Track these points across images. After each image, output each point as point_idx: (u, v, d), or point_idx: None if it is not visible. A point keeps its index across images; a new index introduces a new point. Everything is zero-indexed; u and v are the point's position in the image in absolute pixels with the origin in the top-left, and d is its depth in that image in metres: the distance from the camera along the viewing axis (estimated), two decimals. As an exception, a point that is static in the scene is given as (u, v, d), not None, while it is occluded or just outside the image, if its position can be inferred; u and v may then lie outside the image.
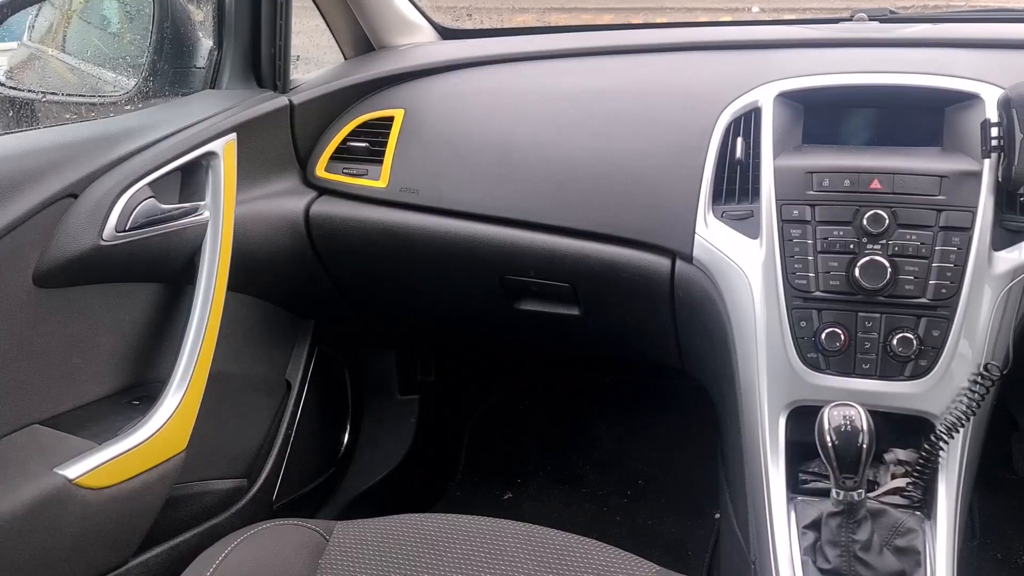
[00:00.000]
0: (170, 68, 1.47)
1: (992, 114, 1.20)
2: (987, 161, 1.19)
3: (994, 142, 1.16)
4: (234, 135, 1.36)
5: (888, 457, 1.25)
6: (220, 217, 1.33)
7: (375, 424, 1.98)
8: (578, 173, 1.41)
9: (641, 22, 2.16)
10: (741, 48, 1.51)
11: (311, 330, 1.70)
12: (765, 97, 1.32)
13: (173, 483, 1.30)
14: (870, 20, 1.61)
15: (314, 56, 1.93)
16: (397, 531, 1.05)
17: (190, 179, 1.33)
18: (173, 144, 1.29)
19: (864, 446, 1.07)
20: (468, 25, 1.98)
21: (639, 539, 1.95)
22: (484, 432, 2.25)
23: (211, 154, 1.32)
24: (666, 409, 2.16)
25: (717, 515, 1.84)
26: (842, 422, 1.08)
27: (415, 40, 1.82)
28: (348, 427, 1.94)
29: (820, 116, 1.34)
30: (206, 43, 1.51)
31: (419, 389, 2.04)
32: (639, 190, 1.37)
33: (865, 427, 1.07)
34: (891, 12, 1.67)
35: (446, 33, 1.91)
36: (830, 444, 1.08)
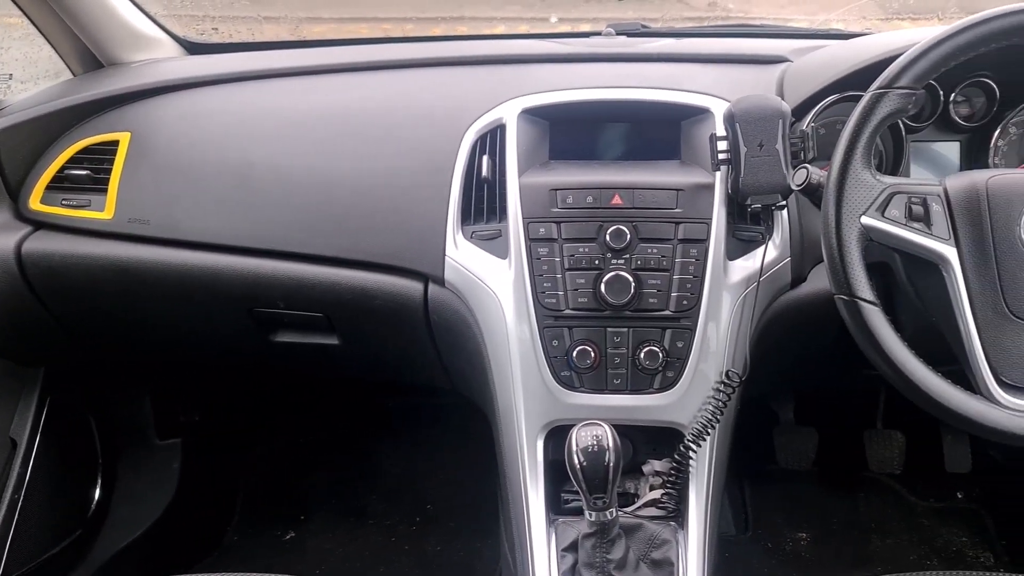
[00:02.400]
0: None
1: (719, 128, 1.24)
2: (718, 174, 1.22)
3: (721, 155, 1.19)
4: None
5: (646, 469, 1.26)
6: (-101, 261, 1.15)
7: (131, 475, 1.81)
8: (323, 196, 1.34)
9: (440, 33, 2.12)
10: (491, 64, 1.48)
11: (39, 379, 1.52)
12: (509, 114, 1.30)
13: None
14: (618, 35, 1.64)
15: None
16: None
17: None
18: None
19: (611, 465, 1.06)
20: (216, 39, 1.85)
21: (427, 567, 1.90)
22: (262, 470, 2.11)
23: None
24: (452, 430, 2.12)
25: None
26: (590, 442, 1.06)
27: (153, 55, 1.68)
28: (99, 481, 1.76)
29: (566, 132, 1.34)
30: None
31: (182, 431, 1.89)
32: (387, 212, 1.32)
33: (611, 445, 1.06)
34: (643, 27, 1.71)
35: (193, 48, 1.78)
36: (578, 465, 1.06)
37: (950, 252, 1.01)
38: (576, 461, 1.06)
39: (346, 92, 1.45)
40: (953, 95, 1.31)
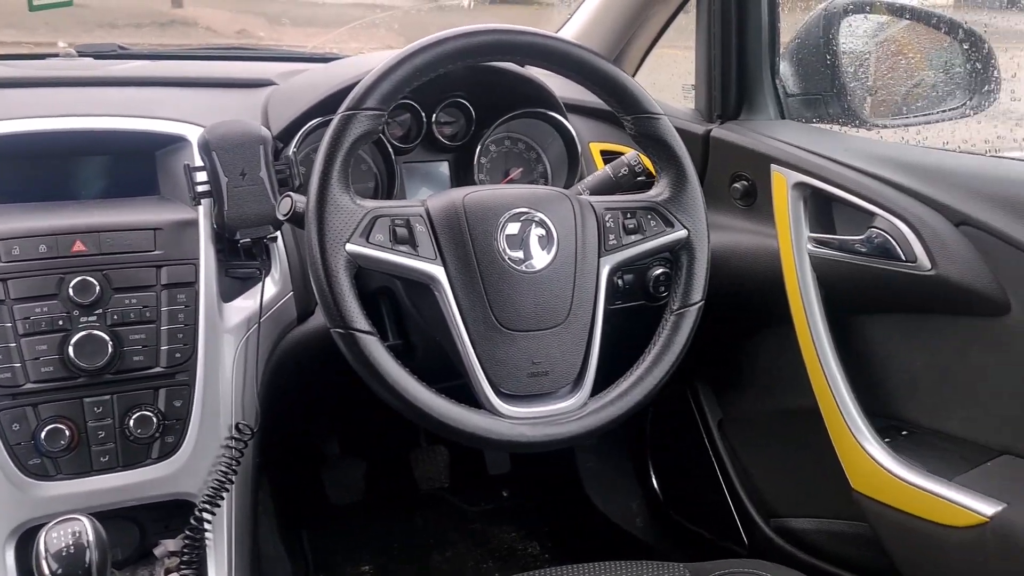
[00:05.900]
0: None
1: (196, 158, 1.12)
2: (200, 208, 1.11)
3: (200, 187, 1.08)
4: None
5: (158, 552, 1.10)
6: None
7: None
8: None
9: None
10: None
11: None
12: None
13: None
14: (82, 56, 1.44)
15: None
16: None
17: None
18: None
19: (94, 565, 0.88)
20: None
21: None
22: None
23: None
24: None
25: None
26: (65, 543, 0.88)
27: None
28: None
29: (12, 169, 1.13)
30: None
31: None
32: None
33: (93, 542, 0.88)
34: (119, 48, 1.52)
35: None
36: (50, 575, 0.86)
37: (438, 271, 1.00)
38: (48, 570, 0.86)
39: None
40: (435, 116, 1.33)
